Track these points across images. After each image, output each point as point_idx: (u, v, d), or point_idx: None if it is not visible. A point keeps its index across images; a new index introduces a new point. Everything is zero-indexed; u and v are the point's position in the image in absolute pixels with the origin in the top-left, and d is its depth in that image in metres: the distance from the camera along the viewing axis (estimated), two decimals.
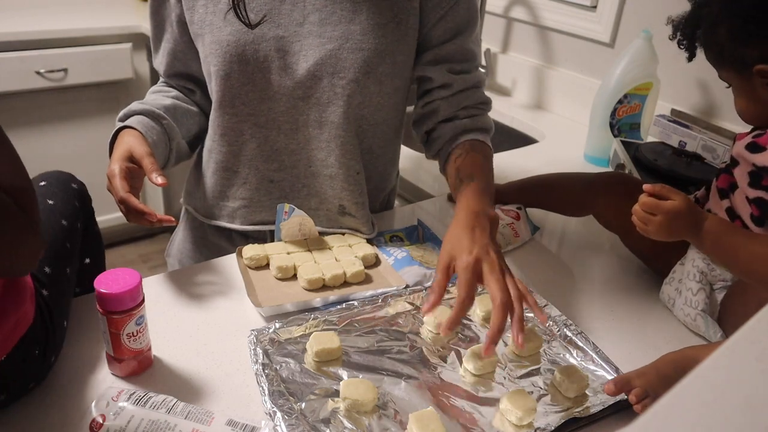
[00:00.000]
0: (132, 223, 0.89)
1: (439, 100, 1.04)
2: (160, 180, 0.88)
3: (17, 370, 0.70)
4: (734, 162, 0.86)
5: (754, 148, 0.82)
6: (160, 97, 1.06)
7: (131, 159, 0.90)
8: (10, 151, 0.65)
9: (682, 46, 0.90)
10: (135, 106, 1.01)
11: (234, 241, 1.10)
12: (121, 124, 0.96)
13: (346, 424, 0.70)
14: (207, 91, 1.08)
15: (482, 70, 1.71)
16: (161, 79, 1.12)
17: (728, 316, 0.87)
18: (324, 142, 1.00)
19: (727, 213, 0.87)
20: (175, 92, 1.09)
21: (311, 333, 0.82)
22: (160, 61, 1.09)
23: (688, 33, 0.89)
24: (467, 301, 0.74)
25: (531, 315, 0.90)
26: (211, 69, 0.99)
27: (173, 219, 0.89)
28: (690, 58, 0.90)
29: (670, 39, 0.92)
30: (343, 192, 1.03)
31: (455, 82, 1.03)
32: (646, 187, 0.83)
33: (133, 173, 0.90)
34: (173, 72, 1.09)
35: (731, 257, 0.81)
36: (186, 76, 1.08)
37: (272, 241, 1.04)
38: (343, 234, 1.06)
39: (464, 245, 0.78)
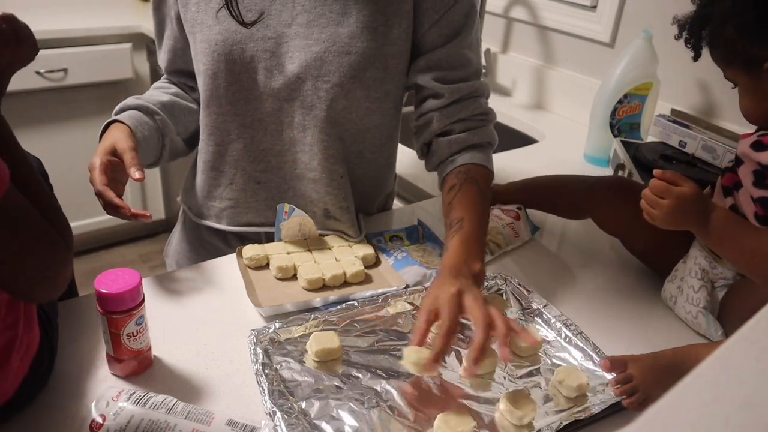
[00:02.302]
0: (111, 216, 0.89)
1: (433, 111, 1.00)
2: (137, 174, 0.88)
3: (30, 384, 0.70)
4: (739, 161, 0.86)
5: (759, 146, 0.82)
6: (158, 93, 1.07)
7: (114, 153, 0.90)
8: (32, 168, 0.66)
9: (688, 45, 0.90)
10: (130, 101, 1.01)
11: (229, 242, 1.10)
12: (112, 118, 0.97)
13: (347, 421, 0.70)
14: None
15: (484, 79, 1.68)
16: (164, 76, 1.13)
17: (728, 314, 0.88)
18: (307, 145, 1.00)
19: (731, 210, 0.87)
20: (174, 89, 1.09)
21: (311, 333, 0.82)
22: (161, 58, 1.10)
23: (695, 32, 0.88)
24: (452, 328, 0.72)
25: (531, 315, 0.90)
26: (200, 67, 0.99)
27: (148, 214, 0.89)
28: (696, 58, 0.90)
29: (676, 39, 0.91)
30: (327, 196, 1.02)
31: (446, 92, 0.98)
32: (656, 172, 0.83)
33: (116, 167, 0.90)
34: (173, 69, 1.09)
35: (735, 251, 0.81)
36: (186, 73, 1.08)
37: (266, 242, 1.04)
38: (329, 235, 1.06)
39: (446, 286, 0.77)
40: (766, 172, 0.81)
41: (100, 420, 0.65)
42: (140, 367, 0.76)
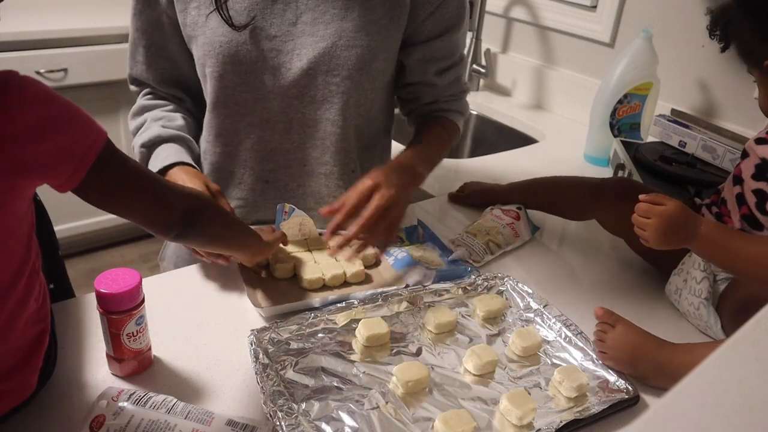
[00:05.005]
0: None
1: (423, 92, 1.11)
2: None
3: (42, 377, 0.70)
4: (745, 154, 0.88)
5: (761, 141, 0.84)
6: (167, 113, 1.03)
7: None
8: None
9: (713, 37, 0.90)
10: (161, 131, 0.99)
11: None
12: (174, 160, 0.95)
13: (347, 421, 0.70)
14: (197, 98, 1.07)
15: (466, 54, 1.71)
16: (145, 91, 1.07)
17: (725, 307, 0.89)
18: (319, 140, 1.01)
19: (736, 198, 0.88)
20: (171, 105, 1.06)
21: (312, 331, 0.82)
22: (145, 68, 1.04)
23: (721, 24, 0.89)
24: (349, 206, 0.86)
25: (531, 315, 0.91)
26: (206, 70, 0.98)
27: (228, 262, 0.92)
28: (723, 49, 0.90)
29: (707, 29, 0.92)
30: (338, 190, 1.03)
31: (440, 81, 1.08)
32: (641, 196, 0.85)
33: None
34: (163, 78, 1.05)
35: (731, 261, 0.81)
36: (176, 83, 1.05)
37: None
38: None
39: (376, 175, 0.90)
40: (766, 166, 0.82)
41: (100, 420, 0.65)
42: (140, 367, 0.76)
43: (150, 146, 0.98)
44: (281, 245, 1.01)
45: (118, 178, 0.65)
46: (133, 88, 1.09)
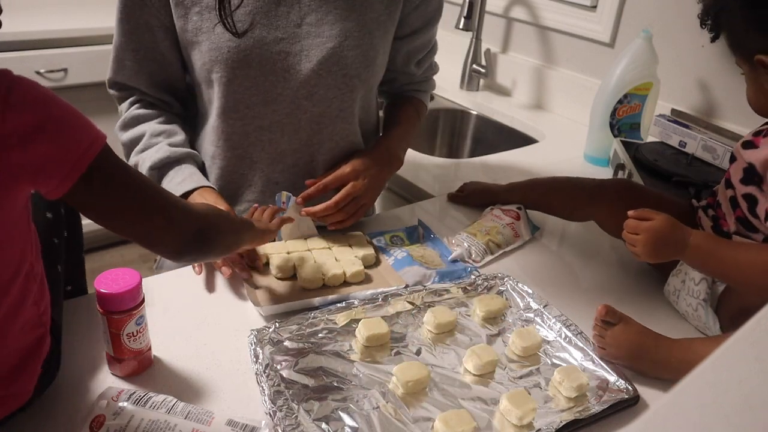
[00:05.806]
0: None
1: (399, 77, 1.18)
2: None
3: (41, 384, 0.70)
4: (733, 158, 0.88)
5: (748, 145, 0.84)
6: (162, 126, 1.02)
7: None
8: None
9: (704, 27, 0.89)
10: (170, 151, 0.98)
11: None
12: (193, 186, 0.96)
13: (347, 421, 0.70)
14: (184, 101, 1.07)
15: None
16: (132, 98, 1.04)
17: (724, 309, 0.89)
18: (327, 137, 1.02)
19: (730, 201, 0.88)
20: (163, 115, 1.04)
21: (312, 331, 0.82)
22: (134, 72, 1.01)
23: (713, 13, 0.88)
24: (322, 185, 0.99)
25: (531, 315, 0.91)
26: (212, 76, 0.97)
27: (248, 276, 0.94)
28: (713, 39, 0.89)
29: (698, 17, 0.91)
30: None
31: (417, 71, 1.18)
32: (629, 212, 0.85)
33: None
34: (153, 82, 1.03)
35: (722, 270, 0.82)
36: (166, 87, 1.04)
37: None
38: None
39: (356, 163, 1.01)
40: (753, 170, 0.82)
41: (100, 420, 0.65)
42: (140, 367, 0.76)
43: (160, 167, 0.98)
44: (281, 243, 1.01)
45: (116, 189, 0.62)
46: (112, 92, 1.06)
